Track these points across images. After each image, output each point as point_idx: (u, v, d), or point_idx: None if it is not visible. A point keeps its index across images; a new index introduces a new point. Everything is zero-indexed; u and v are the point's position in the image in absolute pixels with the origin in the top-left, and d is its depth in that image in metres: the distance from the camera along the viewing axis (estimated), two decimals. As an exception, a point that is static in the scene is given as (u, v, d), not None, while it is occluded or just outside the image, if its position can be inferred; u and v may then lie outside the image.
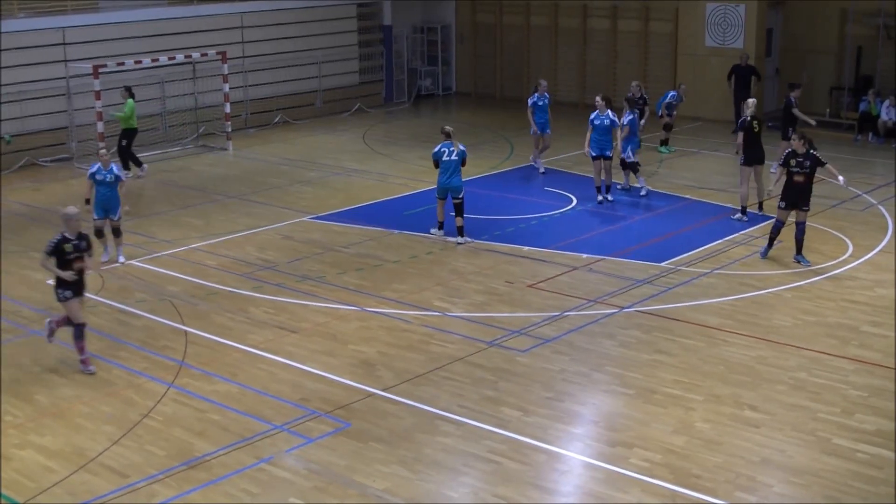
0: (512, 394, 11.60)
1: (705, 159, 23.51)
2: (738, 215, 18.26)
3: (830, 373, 12.04)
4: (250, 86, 27.61)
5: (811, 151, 15.53)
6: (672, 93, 24.01)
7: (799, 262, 15.76)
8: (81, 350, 12.31)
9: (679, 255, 16.35)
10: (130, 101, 21.98)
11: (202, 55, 25.00)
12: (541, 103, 21.76)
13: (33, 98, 23.48)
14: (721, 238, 17.20)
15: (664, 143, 24.07)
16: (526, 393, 11.62)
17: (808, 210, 15.73)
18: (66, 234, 12.15)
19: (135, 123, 22.08)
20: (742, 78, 25.67)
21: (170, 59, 24.29)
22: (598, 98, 19.51)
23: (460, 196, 17.05)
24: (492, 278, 15.45)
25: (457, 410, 11.19)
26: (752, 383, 11.79)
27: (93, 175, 15.94)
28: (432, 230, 17.52)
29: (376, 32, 31.16)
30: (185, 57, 24.74)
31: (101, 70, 22.41)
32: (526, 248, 16.87)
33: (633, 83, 22.68)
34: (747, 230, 17.57)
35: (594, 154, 19.29)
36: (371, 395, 11.64)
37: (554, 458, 10.26)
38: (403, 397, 11.54)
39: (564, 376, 12.06)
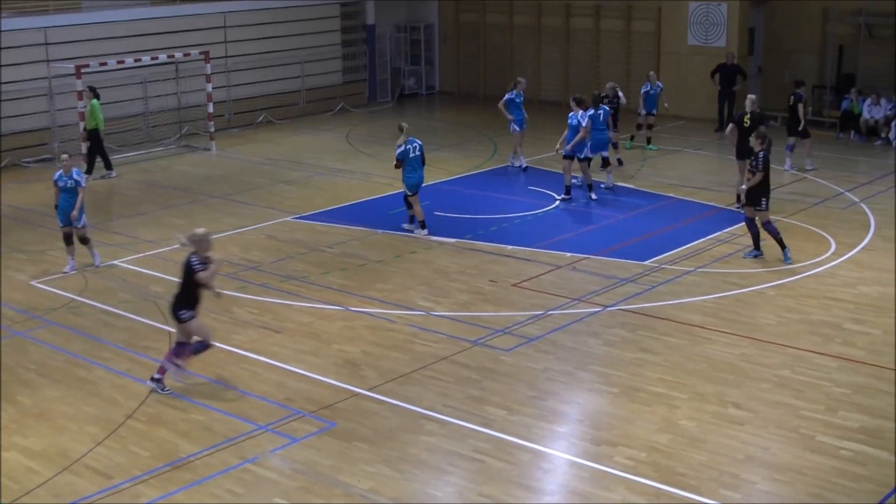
0: (496, 393, 11.60)
1: (688, 158, 23.56)
2: (736, 205, 18.70)
3: (814, 370, 12.08)
4: (233, 86, 27.55)
5: (761, 152, 15.63)
6: (646, 84, 23.93)
7: (783, 259, 15.83)
8: (176, 357, 11.77)
9: (662, 253, 16.39)
10: (95, 101, 21.85)
11: (185, 55, 24.92)
12: (518, 100, 21.86)
13: (15, 98, 23.36)
14: (704, 236, 17.24)
15: (632, 139, 24.15)
16: (510, 392, 11.62)
17: (761, 209, 15.72)
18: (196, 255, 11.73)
19: (101, 124, 21.94)
20: (727, 77, 25.77)
21: (152, 59, 24.20)
22: (571, 99, 19.76)
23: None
24: (476, 277, 15.45)
25: (441, 410, 11.19)
26: (735, 381, 11.82)
27: (55, 181, 15.83)
28: (416, 230, 17.53)
29: (359, 32, 31.12)
30: (168, 57, 24.64)
31: (83, 70, 22.31)
32: (510, 247, 16.88)
33: (609, 84, 22.79)
34: (730, 228, 17.61)
35: (565, 153, 19.44)
36: (356, 394, 11.63)
37: (538, 457, 10.27)
38: (388, 397, 11.53)
39: (549, 375, 12.07)
